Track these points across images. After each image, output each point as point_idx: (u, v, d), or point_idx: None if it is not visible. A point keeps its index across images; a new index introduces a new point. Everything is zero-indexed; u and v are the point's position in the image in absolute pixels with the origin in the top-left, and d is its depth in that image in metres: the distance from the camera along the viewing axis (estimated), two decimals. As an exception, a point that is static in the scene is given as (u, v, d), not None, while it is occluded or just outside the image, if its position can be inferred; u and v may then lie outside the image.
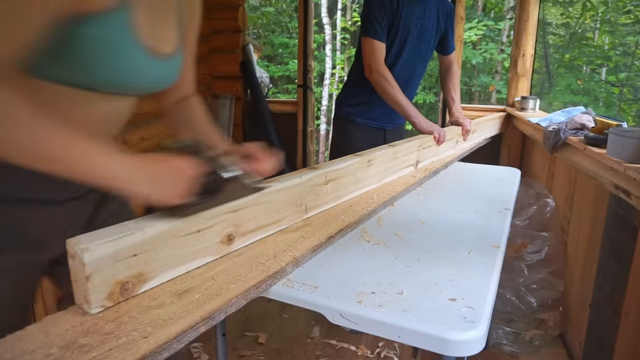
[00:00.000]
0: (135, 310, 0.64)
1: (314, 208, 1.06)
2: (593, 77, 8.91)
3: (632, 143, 1.31)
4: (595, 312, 1.64)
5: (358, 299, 0.73)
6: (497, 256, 0.91)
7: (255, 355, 1.90)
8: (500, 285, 0.87)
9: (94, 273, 0.62)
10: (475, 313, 0.69)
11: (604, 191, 1.58)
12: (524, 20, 2.66)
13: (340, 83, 9.69)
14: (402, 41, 1.77)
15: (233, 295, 0.69)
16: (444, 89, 2.02)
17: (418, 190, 1.41)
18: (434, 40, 1.88)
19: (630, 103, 8.35)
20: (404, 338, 0.67)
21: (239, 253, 0.84)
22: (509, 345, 1.88)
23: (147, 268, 0.69)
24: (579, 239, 1.88)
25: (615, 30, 8.63)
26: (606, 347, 1.52)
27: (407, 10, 1.72)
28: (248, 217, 0.86)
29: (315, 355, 1.90)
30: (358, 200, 1.20)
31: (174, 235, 0.72)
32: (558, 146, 1.83)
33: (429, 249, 0.95)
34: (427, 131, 1.67)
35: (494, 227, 1.09)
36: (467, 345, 0.65)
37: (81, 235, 0.63)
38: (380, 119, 1.90)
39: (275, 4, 11.09)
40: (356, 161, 1.20)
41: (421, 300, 0.73)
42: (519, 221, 2.20)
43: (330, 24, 9.14)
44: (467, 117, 1.94)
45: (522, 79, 2.77)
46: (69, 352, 0.55)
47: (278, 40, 10.35)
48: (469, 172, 1.69)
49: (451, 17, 1.91)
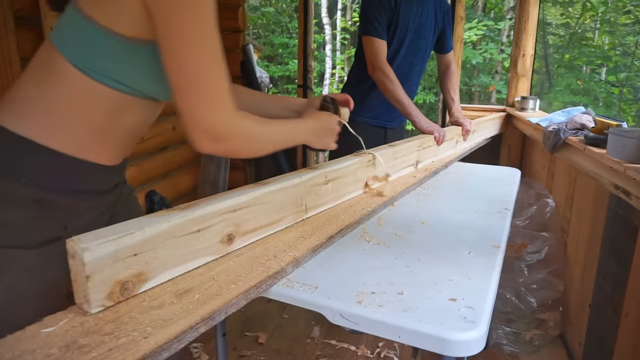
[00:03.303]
0: (135, 311, 0.64)
1: (314, 208, 1.06)
2: (593, 77, 8.92)
3: (632, 143, 1.31)
4: (595, 312, 1.64)
5: (358, 299, 0.73)
6: (497, 256, 0.91)
7: (255, 355, 1.90)
8: (500, 285, 0.87)
9: (94, 272, 0.62)
10: (475, 313, 0.69)
11: (604, 191, 1.59)
12: (524, 20, 2.67)
13: (340, 83, 9.69)
14: (400, 38, 1.78)
15: (233, 296, 0.69)
16: (443, 90, 2.02)
17: (418, 190, 1.41)
18: (432, 38, 1.89)
19: (630, 103, 8.36)
20: (404, 338, 0.67)
21: (239, 253, 0.84)
22: (509, 345, 1.88)
23: (147, 268, 0.69)
24: (579, 239, 1.88)
25: (615, 30, 8.63)
26: (606, 347, 1.52)
27: (404, 7, 1.74)
28: (248, 216, 0.86)
29: (315, 355, 1.90)
30: (358, 200, 1.20)
31: (174, 234, 0.72)
32: (558, 146, 1.83)
33: (429, 249, 0.95)
34: (427, 131, 1.68)
35: (494, 227, 1.09)
36: (467, 345, 0.65)
37: (81, 234, 0.63)
38: (381, 118, 1.91)
39: (275, 4, 11.09)
40: (356, 161, 1.20)
41: (421, 300, 0.73)
42: (519, 221, 2.20)
43: (330, 24, 9.15)
44: (467, 117, 1.95)
45: (522, 79, 2.78)
46: (69, 352, 0.55)
47: (278, 40, 10.35)
48: (469, 172, 1.69)
49: (448, 16, 1.93)
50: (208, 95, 0.70)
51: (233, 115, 0.73)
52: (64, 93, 0.73)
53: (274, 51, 10.54)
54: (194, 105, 0.70)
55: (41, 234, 0.75)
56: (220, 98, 0.71)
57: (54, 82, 0.73)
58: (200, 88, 0.69)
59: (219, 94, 0.71)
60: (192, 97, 0.69)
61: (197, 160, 3.20)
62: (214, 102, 0.70)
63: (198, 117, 0.70)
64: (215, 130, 0.71)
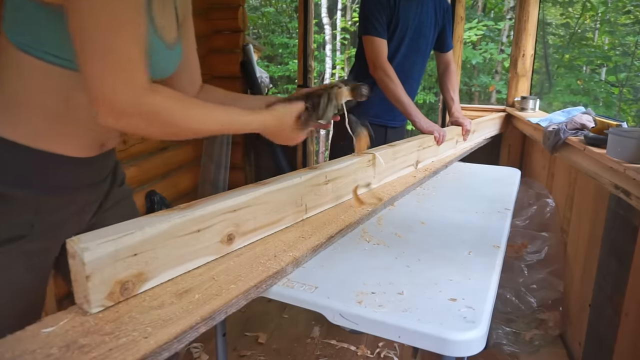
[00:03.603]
0: (135, 311, 0.64)
1: (314, 208, 1.06)
2: (593, 77, 8.92)
3: (632, 143, 1.31)
4: (595, 312, 1.64)
5: (358, 299, 0.73)
6: (497, 256, 0.91)
7: (255, 355, 1.90)
8: (500, 285, 0.87)
9: (94, 272, 0.62)
10: (475, 313, 0.69)
11: (604, 191, 1.58)
12: (524, 20, 2.67)
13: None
14: (400, 36, 1.79)
15: (233, 296, 0.69)
16: (443, 90, 2.03)
17: (418, 190, 1.41)
18: (432, 36, 1.90)
19: (630, 103, 8.36)
20: (404, 338, 0.67)
21: (239, 253, 0.84)
22: (509, 345, 1.88)
23: (147, 267, 0.69)
24: (579, 239, 1.88)
25: (615, 30, 8.63)
26: (606, 347, 1.52)
27: (404, 6, 1.75)
28: (248, 216, 0.86)
29: (315, 355, 1.90)
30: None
31: (174, 234, 0.72)
32: (558, 146, 1.83)
33: (429, 249, 0.95)
34: (427, 131, 1.68)
35: (494, 227, 1.09)
36: (467, 345, 0.65)
37: (81, 234, 0.63)
38: (382, 117, 1.91)
39: (275, 4, 11.09)
40: (356, 161, 1.20)
41: (421, 300, 0.73)
42: (519, 221, 2.20)
43: (330, 24, 9.15)
44: (467, 117, 1.95)
45: (522, 79, 2.77)
46: (70, 352, 0.55)
47: (278, 40, 10.35)
48: (469, 172, 1.69)
49: (448, 14, 1.93)
50: (108, 64, 0.62)
51: (139, 90, 0.65)
52: (8, 75, 0.70)
53: (274, 51, 10.53)
54: (92, 74, 0.63)
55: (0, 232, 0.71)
56: (123, 69, 0.63)
57: (1, 66, 0.70)
58: (97, 54, 0.62)
59: (122, 64, 0.63)
60: (90, 64, 0.62)
61: (197, 160, 3.21)
62: (116, 72, 0.63)
63: (97, 87, 0.63)
64: (113, 104, 0.64)
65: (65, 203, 0.80)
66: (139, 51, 0.65)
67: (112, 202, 0.92)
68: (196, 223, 0.76)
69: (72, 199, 0.81)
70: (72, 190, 0.80)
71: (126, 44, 0.63)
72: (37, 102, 0.71)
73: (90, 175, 0.84)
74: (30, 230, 0.74)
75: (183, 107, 0.71)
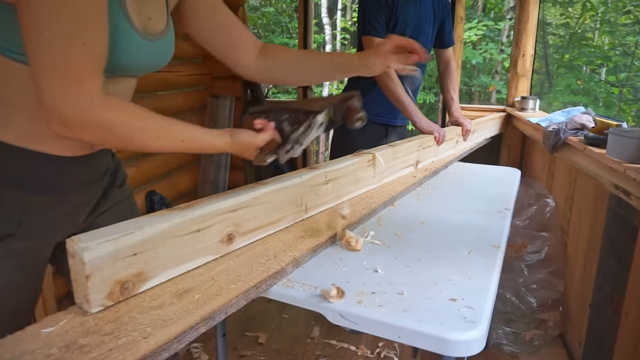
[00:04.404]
0: (135, 311, 0.64)
1: (314, 208, 1.06)
2: (593, 77, 8.91)
3: (632, 143, 1.31)
4: (595, 312, 1.64)
5: (358, 299, 0.73)
6: (497, 256, 0.91)
7: (255, 355, 1.90)
8: (500, 285, 0.87)
9: (94, 272, 0.62)
10: (475, 313, 0.69)
11: (604, 191, 1.58)
12: (524, 20, 2.67)
13: (340, 83, 9.68)
14: (399, 35, 1.78)
15: (233, 296, 0.69)
16: (443, 89, 2.02)
17: (418, 190, 1.41)
18: (432, 33, 1.89)
19: (630, 103, 8.35)
20: (404, 338, 0.67)
21: (239, 253, 0.84)
22: (509, 345, 1.88)
23: (147, 267, 0.69)
24: (579, 239, 1.88)
25: (615, 30, 8.62)
26: (606, 347, 1.52)
27: (402, 4, 1.75)
28: (248, 216, 0.86)
29: (315, 355, 1.90)
30: (358, 200, 1.20)
31: (174, 234, 0.72)
32: (558, 146, 1.83)
33: (429, 249, 0.95)
34: (427, 131, 1.68)
35: (494, 227, 1.09)
36: (467, 345, 0.65)
37: (81, 234, 0.63)
38: (384, 115, 1.90)
39: (275, 4, 11.09)
40: (356, 161, 1.20)
41: (421, 300, 0.73)
42: (519, 221, 2.20)
43: (330, 24, 9.14)
44: (467, 117, 1.95)
45: (522, 79, 2.78)
46: (69, 352, 0.55)
47: (278, 40, 10.34)
48: (469, 172, 1.69)
49: (447, 9, 1.92)
50: (58, 78, 0.60)
51: (89, 105, 0.63)
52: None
53: (274, 51, 10.52)
54: (42, 86, 0.61)
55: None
56: (74, 84, 0.61)
57: None
58: (48, 67, 0.60)
59: (72, 78, 0.61)
60: (41, 75, 0.60)
61: (197, 160, 3.21)
62: (66, 87, 0.61)
63: (47, 98, 0.61)
64: (65, 117, 0.62)
65: (55, 202, 0.78)
66: (91, 65, 0.63)
67: (111, 203, 0.91)
68: (196, 223, 0.76)
69: (64, 198, 0.80)
70: (62, 190, 0.79)
71: (77, 57, 0.61)
72: (18, 102, 0.71)
73: (81, 175, 0.82)
74: (17, 229, 0.73)
75: (137, 122, 0.70)
